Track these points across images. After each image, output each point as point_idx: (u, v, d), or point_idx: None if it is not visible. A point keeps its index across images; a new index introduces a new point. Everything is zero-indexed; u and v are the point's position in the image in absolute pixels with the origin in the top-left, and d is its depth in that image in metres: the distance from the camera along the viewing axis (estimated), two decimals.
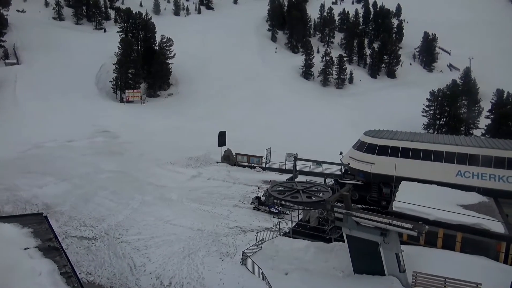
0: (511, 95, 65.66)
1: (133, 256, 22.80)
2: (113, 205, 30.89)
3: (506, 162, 28.27)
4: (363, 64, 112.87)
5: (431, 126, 71.98)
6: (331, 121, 71.15)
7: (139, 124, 63.59)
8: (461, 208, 23.91)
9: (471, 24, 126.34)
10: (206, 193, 35.42)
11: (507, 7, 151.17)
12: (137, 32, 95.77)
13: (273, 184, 23.52)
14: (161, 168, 42.60)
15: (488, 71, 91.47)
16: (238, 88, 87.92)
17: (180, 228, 26.85)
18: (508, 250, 21.14)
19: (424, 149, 30.90)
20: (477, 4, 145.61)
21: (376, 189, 34.04)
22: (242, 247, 23.07)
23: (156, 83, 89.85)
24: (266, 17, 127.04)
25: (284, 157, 42.86)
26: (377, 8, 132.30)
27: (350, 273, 19.83)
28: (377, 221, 17.95)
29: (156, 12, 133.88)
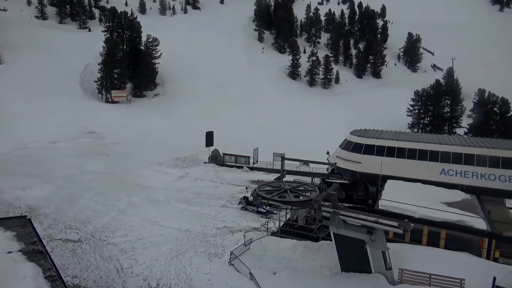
0: (492, 94, 67.23)
1: (120, 258, 22.54)
2: (99, 206, 30.47)
3: (487, 160, 28.97)
4: (349, 64, 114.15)
5: (415, 125, 73.25)
6: (318, 120, 71.66)
7: (125, 124, 62.93)
8: (445, 206, 24.41)
9: (454, 25, 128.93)
10: (194, 193, 35.25)
11: (489, 8, 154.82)
12: (123, 32, 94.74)
13: (261, 184, 23.56)
14: (148, 168, 42.22)
15: (470, 71, 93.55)
16: (225, 88, 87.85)
17: (168, 229, 26.66)
18: (490, 246, 21.67)
19: (409, 148, 31.40)
20: (459, 5, 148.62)
21: (362, 188, 34.46)
22: (230, 247, 23.05)
23: (142, 83, 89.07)
24: (252, 17, 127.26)
25: (271, 157, 42.98)
26: (362, 9, 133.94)
27: (337, 271, 20.02)
28: (363, 220, 18.17)
29: (141, 12, 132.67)
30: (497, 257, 21.59)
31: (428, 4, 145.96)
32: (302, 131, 63.94)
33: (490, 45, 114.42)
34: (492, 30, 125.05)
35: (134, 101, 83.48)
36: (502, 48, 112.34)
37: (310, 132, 63.16)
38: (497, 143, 31.44)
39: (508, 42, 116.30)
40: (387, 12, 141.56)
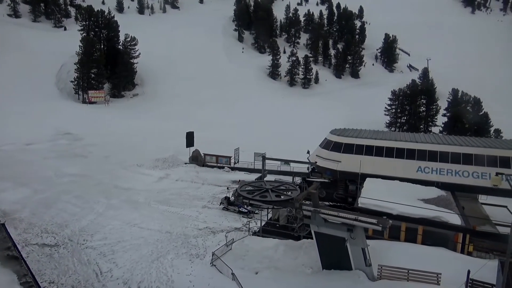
0: (465, 94, 69.40)
1: (99, 262, 22.12)
2: (77, 210, 29.80)
3: (461, 158, 29.95)
4: (328, 65, 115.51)
5: (393, 124, 74.81)
6: (299, 120, 72.21)
7: (103, 125, 61.65)
8: (422, 202, 25.09)
9: (428, 26, 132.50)
10: (175, 194, 34.95)
11: (461, 10, 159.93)
12: (100, 31, 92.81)
13: (242, 184, 23.60)
14: (127, 170, 41.57)
15: (444, 71, 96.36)
16: (205, 88, 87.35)
17: (148, 231, 26.35)
18: (465, 240, 22.43)
19: (387, 147, 32.13)
20: (433, 7, 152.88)
21: (342, 186, 35.03)
22: (212, 248, 22.99)
23: (121, 83, 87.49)
24: (232, 17, 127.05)
25: (252, 156, 43.07)
26: (341, 10, 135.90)
27: (318, 269, 20.27)
28: (344, 218, 18.48)
29: (119, 11, 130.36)
30: (471, 251, 22.39)
31: (403, 6, 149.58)
32: (282, 130, 64.29)
33: (463, 46, 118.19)
34: (465, 31, 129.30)
35: (113, 102, 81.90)
36: (474, 49, 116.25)
37: (290, 131, 63.57)
38: (470, 141, 32.57)
39: (480, 43, 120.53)
40: (365, 13, 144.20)
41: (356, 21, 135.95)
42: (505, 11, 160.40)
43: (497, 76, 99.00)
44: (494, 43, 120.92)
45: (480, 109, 66.04)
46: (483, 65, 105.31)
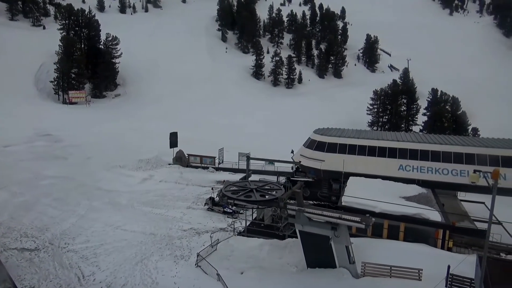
0: (444, 93, 71.13)
1: (81, 266, 21.70)
2: (58, 212, 29.14)
3: (441, 156, 30.69)
4: (311, 65, 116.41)
5: (375, 123, 76.04)
6: (282, 120, 72.56)
7: (85, 126, 60.49)
8: (403, 200, 25.63)
9: (408, 27, 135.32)
10: (158, 196, 34.60)
11: (440, 12, 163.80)
12: (80, 30, 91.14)
13: (227, 184, 23.57)
14: (110, 171, 40.90)
15: (424, 71, 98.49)
16: (188, 88, 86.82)
17: (132, 233, 26.00)
18: (445, 236, 23.00)
19: (369, 146, 32.64)
20: (412, 9, 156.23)
21: (326, 185, 35.36)
22: (197, 249, 22.87)
23: (102, 84, 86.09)
24: (215, 17, 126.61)
25: (237, 157, 43.04)
26: (323, 11, 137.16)
27: (303, 267, 20.43)
28: (328, 216, 18.69)
29: (100, 9, 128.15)
30: (450, 246, 22.99)
31: (384, 7, 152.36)
32: (266, 130, 64.51)
33: (442, 47, 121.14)
34: (443, 32, 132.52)
35: (94, 102, 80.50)
36: (452, 49, 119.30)
37: (274, 131, 63.85)
38: (449, 140, 33.41)
39: (457, 43, 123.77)
40: (347, 14, 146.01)
41: (338, 21, 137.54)
42: (481, 13, 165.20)
43: (474, 76, 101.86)
44: (471, 44, 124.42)
45: (459, 108, 67.78)
46: (461, 65, 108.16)
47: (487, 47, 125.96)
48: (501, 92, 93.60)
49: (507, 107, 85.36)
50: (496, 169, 13.61)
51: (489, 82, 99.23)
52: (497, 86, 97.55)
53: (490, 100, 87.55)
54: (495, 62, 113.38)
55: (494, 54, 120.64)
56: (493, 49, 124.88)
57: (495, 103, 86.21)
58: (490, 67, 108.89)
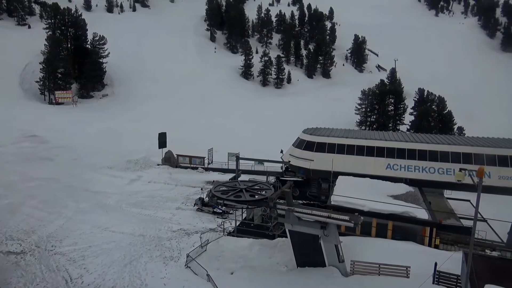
0: (430, 93, 72.16)
1: (69, 268, 21.41)
2: (44, 215, 28.68)
3: (428, 155, 31.17)
4: (300, 65, 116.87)
5: (363, 123, 76.73)
6: (271, 120, 72.70)
7: (71, 127, 59.64)
8: (391, 199, 25.96)
9: (395, 28, 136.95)
10: (147, 196, 34.35)
11: (426, 13, 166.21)
12: (66, 29, 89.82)
13: (216, 184, 23.52)
14: (97, 173, 40.44)
15: (410, 71, 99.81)
16: (177, 88, 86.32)
17: (120, 235, 25.75)
18: (432, 234, 23.37)
19: (358, 145, 32.97)
20: (399, 9, 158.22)
21: (315, 184, 35.59)
22: (187, 250, 22.77)
23: (89, 84, 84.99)
24: (204, 17, 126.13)
25: (226, 157, 42.97)
26: (312, 11, 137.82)
27: (293, 267, 20.52)
28: (317, 215, 18.81)
29: (87, 8, 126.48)
30: (437, 244, 23.36)
31: (371, 8, 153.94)
32: (256, 130, 64.54)
33: (428, 47, 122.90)
34: (429, 33, 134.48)
35: (81, 102, 79.42)
36: (438, 50, 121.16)
37: (263, 131, 63.92)
38: (435, 139, 33.95)
39: (443, 44, 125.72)
40: (335, 14, 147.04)
41: (326, 22, 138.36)
42: (466, 14, 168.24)
43: (459, 76, 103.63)
44: (456, 44, 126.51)
45: (445, 107, 68.84)
46: (446, 65, 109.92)
47: (472, 47, 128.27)
48: (485, 92, 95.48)
49: (491, 106, 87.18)
50: (481, 167, 13.89)
51: (473, 82, 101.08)
52: (481, 85, 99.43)
53: (474, 99, 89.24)
54: (479, 62, 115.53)
55: (478, 54, 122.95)
56: (477, 50, 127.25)
57: (480, 103, 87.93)
58: (474, 67, 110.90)
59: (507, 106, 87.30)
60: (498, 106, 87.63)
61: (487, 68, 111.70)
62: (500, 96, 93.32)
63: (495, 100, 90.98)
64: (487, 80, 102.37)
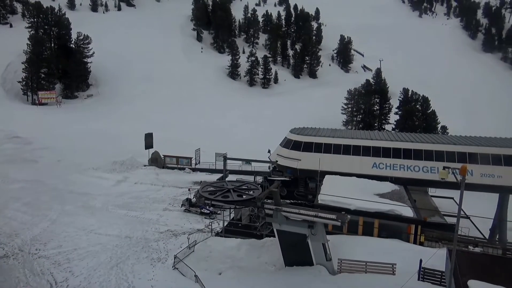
0: (414, 93, 73.27)
1: (53, 272, 21.05)
2: (28, 217, 28.15)
3: (412, 153, 31.69)
4: (286, 65, 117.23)
5: (349, 122, 77.40)
6: (259, 120, 72.76)
7: (56, 128, 58.49)
8: (377, 197, 26.29)
9: (380, 28, 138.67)
10: (134, 198, 34.01)
11: (410, 14, 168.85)
12: (50, 29, 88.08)
13: (204, 184, 23.45)
14: (83, 174, 39.86)
15: (395, 71, 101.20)
16: (164, 88, 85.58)
17: (106, 237, 25.45)
18: (417, 231, 23.77)
19: (344, 144, 33.28)
20: (384, 10, 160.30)
21: (303, 184, 35.79)
22: (174, 251, 22.65)
23: (73, 84, 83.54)
24: (190, 17, 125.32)
25: (213, 157, 42.85)
26: (298, 11, 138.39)
27: (281, 266, 20.61)
28: (304, 214, 18.94)
29: (70, 7, 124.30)
30: (422, 241, 23.78)
31: (357, 8, 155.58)
32: (243, 130, 64.50)
33: (412, 48, 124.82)
34: (413, 33, 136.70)
35: (65, 103, 77.99)
36: (422, 50, 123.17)
37: (251, 131, 63.93)
38: (419, 138, 34.53)
39: (427, 44, 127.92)
40: (321, 15, 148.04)
41: (312, 22, 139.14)
42: (448, 15, 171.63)
43: (442, 76, 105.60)
44: (439, 45, 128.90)
45: (428, 107, 69.98)
46: (430, 65, 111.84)
47: (454, 48, 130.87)
48: (467, 92, 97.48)
49: (473, 105, 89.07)
50: (464, 165, 14.19)
51: (456, 82, 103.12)
52: (463, 85, 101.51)
53: (457, 99, 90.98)
54: (461, 63, 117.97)
55: (460, 55, 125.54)
56: (460, 50, 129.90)
57: (462, 102, 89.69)
58: (457, 67, 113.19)
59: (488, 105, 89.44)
60: (479, 105, 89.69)
61: (469, 68, 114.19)
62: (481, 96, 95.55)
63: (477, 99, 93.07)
64: (469, 80, 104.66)
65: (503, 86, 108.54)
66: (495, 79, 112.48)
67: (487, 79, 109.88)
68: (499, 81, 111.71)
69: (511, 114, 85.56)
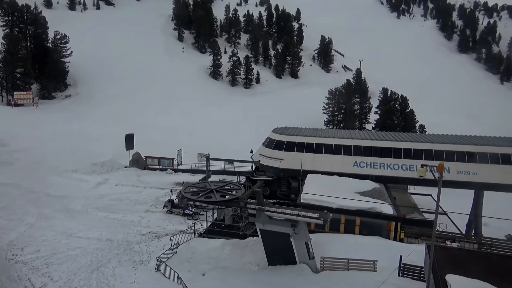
0: (393, 93, 74.77)
1: (31, 278, 20.49)
2: (3, 222, 27.27)
3: (392, 152, 32.34)
4: (268, 65, 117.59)
5: (330, 122, 78.30)
6: (242, 120, 72.74)
7: (33, 129, 56.79)
8: (358, 195, 26.71)
9: (359, 29, 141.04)
10: (115, 200, 33.45)
11: (388, 15, 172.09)
12: (25, 27, 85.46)
13: (186, 185, 23.29)
14: (61, 176, 38.89)
15: (375, 71, 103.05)
16: (144, 89, 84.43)
17: (86, 240, 24.95)
18: (397, 228, 24.29)
19: (326, 144, 33.66)
20: (362, 12, 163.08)
21: (285, 183, 35.98)
22: (157, 253, 22.42)
23: (51, 84, 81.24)
24: (171, 16, 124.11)
25: (196, 157, 42.57)
26: (279, 12, 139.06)
27: (265, 265, 20.69)
28: (287, 214, 19.08)
29: (47, 6, 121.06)
30: (402, 237, 24.31)
31: (337, 10, 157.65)
32: (225, 130, 64.33)
33: (390, 48, 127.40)
34: (391, 34, 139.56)
35: (42, 104, 75.86)
36: (401, 51, 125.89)
37: (233, 131, 63.83)
38: (399, 137, 35.28)
39: (405, 45, 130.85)
40: (302, 15, 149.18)
41: (294, 22, 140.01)
42: (425, 17, 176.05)
43: (420, 75, 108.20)
44: (417, 45, 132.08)
45: (407, 106, 71.53)
46: (408, 65, 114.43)
47: (431, 49, 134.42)
48: (443, 91, 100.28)
49: (450, 104, 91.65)
50: (441, 163, 14.58)
51: (433, 82, 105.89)
52: (439, 85, 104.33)
53: (433, 98, 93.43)
54: (437, 63, 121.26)
55: (437, 55, 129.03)
56: (436, 51, 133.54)
57: (439, 101, 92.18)
58: (433, 67, 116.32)
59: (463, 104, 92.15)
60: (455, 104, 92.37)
61: (445, 68, 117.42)
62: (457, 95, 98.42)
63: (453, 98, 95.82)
64: (445, 80, 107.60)
65: (478, 85, 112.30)
66: (470, 79, 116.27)
67: (463, 79, 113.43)
68: (474, 81, 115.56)
69: (485, 113, 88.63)
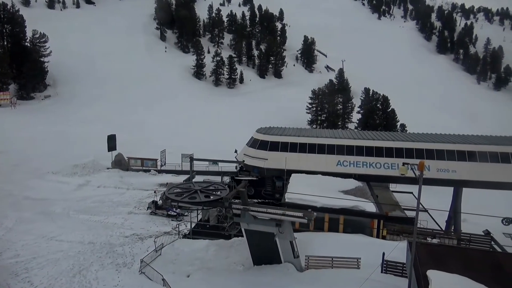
0: (375, 92, 75.93)
1: (10, 283, 19.95)
2: None
3: (374, 151, 32.87)
4: (252, 65, 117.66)
5: (314, 121, 78.94)
6: (225, 120, 72.51)
7: (11, 131, 55.19)
8: (342, 194, 27.05)
9: (341, 30, 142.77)
10: (97, 202, 32.90)
11: (369, 16, 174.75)
12: (2, 26, 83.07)
13: (170, 186, 23.10)
14: (41, 179, 37.96)
15: (357, 71, 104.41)
16: (126, 89, 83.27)
17: (68, 244, 24.44)
18: (379, 226, 24.71)
19: (309, 143, 33.94)
20: (344, 12, 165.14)
21: (270, 183, 36.11)
22: (140, 255, 22.16)
23: (29, 84, 79.22)
24: (153, 15, 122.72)
25: (180, 158, 42.26)
26: (262, 12, 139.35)
27: (250, 265, 20.73)
28: (272, 213, 19.16)
29: (25, 4, 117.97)
30: (384, 235, 24.74)
31: (319, 10, 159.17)
32: (209, 130, 64.04)
33: (372, 48, 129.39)
34: (373, 35, 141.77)
35: (20, 104, 73.88)
36: (382, 51, 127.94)
37: (217, 131, 63.60)
38: (381, 136, 35.90)
39: (386, 46, 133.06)
40: (285, 15, 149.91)
41: (277, 23, 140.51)
42: (405, 18, 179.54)
43: (400, 75, 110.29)
44: (397, 46, 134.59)
45: (388, 106, 72.74)
46: (389, 66, 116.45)
47: (411, 49, 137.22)
48: (422, 90, 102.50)
49: (429, 103, 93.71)
50: (422, 161, 14.91)
51: (413, 82, 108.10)
52: (419, 85, 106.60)
53: (414, 98, 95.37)
54: (418, 64, 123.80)
55: (416, 56, 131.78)
56: (416, 52, 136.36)
57: (419, 101, 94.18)
58: (413, 68, 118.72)
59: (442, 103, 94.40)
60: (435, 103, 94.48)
61: (425, 69, 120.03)
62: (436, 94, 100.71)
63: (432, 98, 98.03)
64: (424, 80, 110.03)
65: (456, 85, 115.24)
66: (448, 79, 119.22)
67: (442, 79, 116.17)
68: (452, 81, 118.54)
69: (464, 111, 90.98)
